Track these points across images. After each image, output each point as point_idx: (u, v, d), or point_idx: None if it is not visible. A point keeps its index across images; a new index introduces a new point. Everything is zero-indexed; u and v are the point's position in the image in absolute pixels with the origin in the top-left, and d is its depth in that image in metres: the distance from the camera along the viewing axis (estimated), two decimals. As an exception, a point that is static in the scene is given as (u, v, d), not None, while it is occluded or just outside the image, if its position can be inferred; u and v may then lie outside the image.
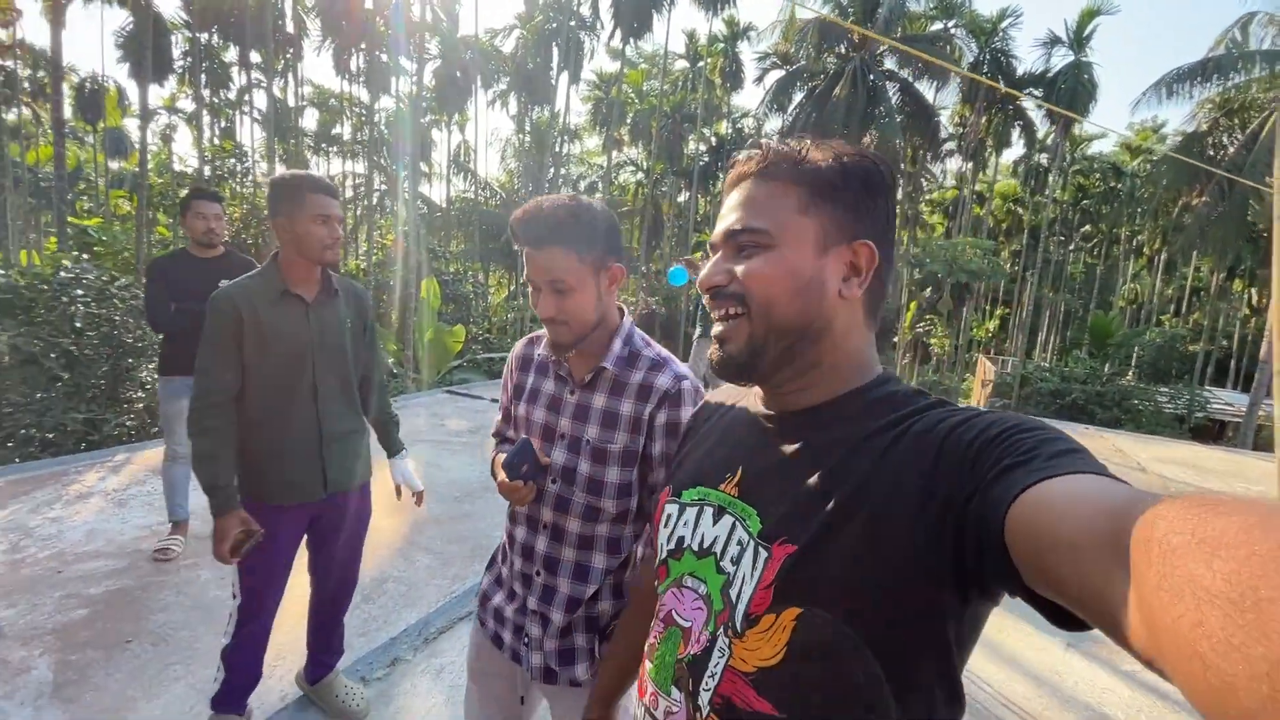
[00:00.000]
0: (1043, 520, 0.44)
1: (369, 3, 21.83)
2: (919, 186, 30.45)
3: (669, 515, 0.80)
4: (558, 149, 29.72)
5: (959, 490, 0.53)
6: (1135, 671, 2.86)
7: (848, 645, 0.58)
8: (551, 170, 27.87)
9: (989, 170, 30.45)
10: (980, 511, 0.50)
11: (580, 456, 1.19)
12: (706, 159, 31.22)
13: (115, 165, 32.84)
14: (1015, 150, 29.34)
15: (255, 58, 23.27)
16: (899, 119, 23.43)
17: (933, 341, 29.44)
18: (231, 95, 29.52)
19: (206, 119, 27.02)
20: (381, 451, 2.22)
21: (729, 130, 33.03)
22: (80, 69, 27.67)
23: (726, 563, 0.69)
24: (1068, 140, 27.19)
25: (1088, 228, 34.40)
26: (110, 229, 12.40)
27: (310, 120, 32.85)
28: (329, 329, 1.91)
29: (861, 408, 0.67)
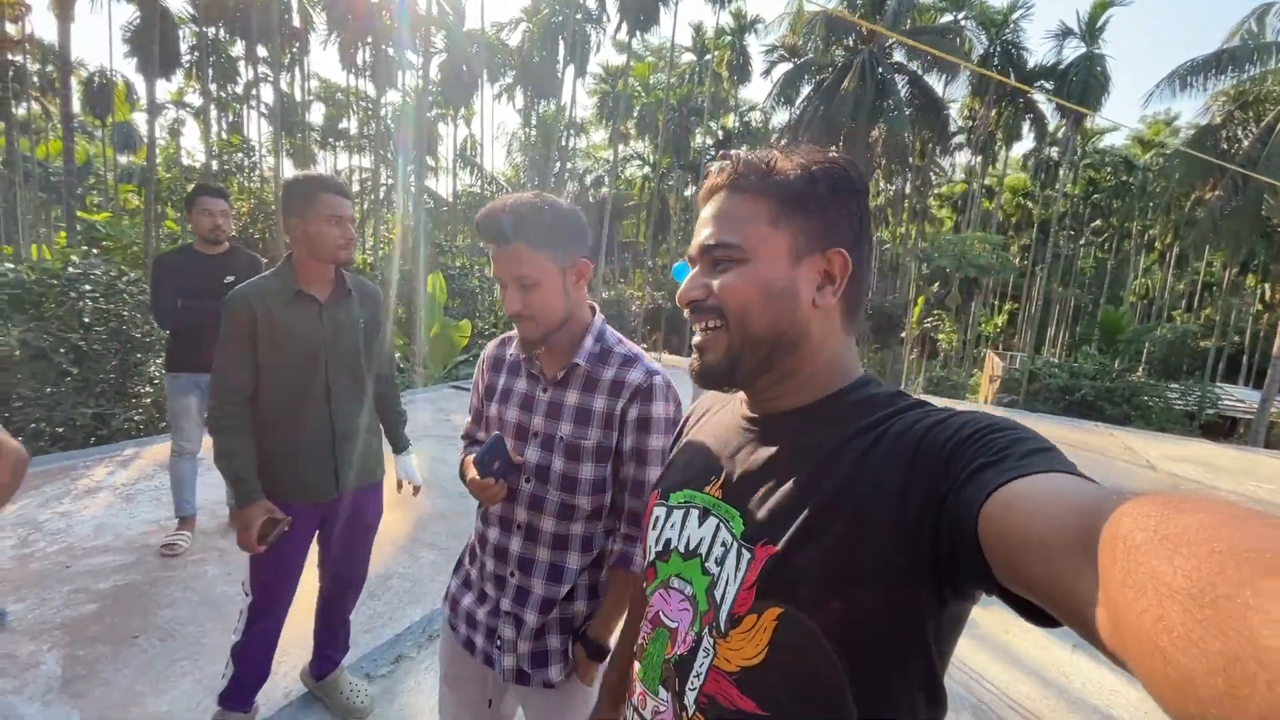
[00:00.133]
0: (1013, 519, 0.44)
1: (375, -4, 21.82)
2: (927, 180, 30.27)
3: (657, 518, 0.81)
4: (564, 143, 29.69)
5: (934, 491, 0.53)
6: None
7: (827, 645, 0.59)
8: (558, 164, 27.84)
9: (999, 164, 30.22)
10: (954, 512, 0.50)
11: (554, 454, 1.20)
12: (713, 153, 31.07)
13: (124, 160, 33.04)
14: (1025, 144, 29.13)
15: (262, 52, 23.28)
16: (908, 112, 23.26)
17: (940, 337, 29.29)
18: (238, 90, 29.63)
19: (214, 113, 27.07)
20: (387, 447, 2.24)
21: (736, 124, 32.89)
22: (88, 64, 28.01)
23: (711, 564, 0.70)
24: (1079, 134, 26.92)
25: (1098, 222, 34.10)
26: (119, 224, 12.49)
27: (317, 115, 32.98)
28: (342, 329, 1.93)
29: (842, 410, 0.68)
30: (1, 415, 4.89)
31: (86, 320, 5.64)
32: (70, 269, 5.85)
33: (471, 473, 1.17)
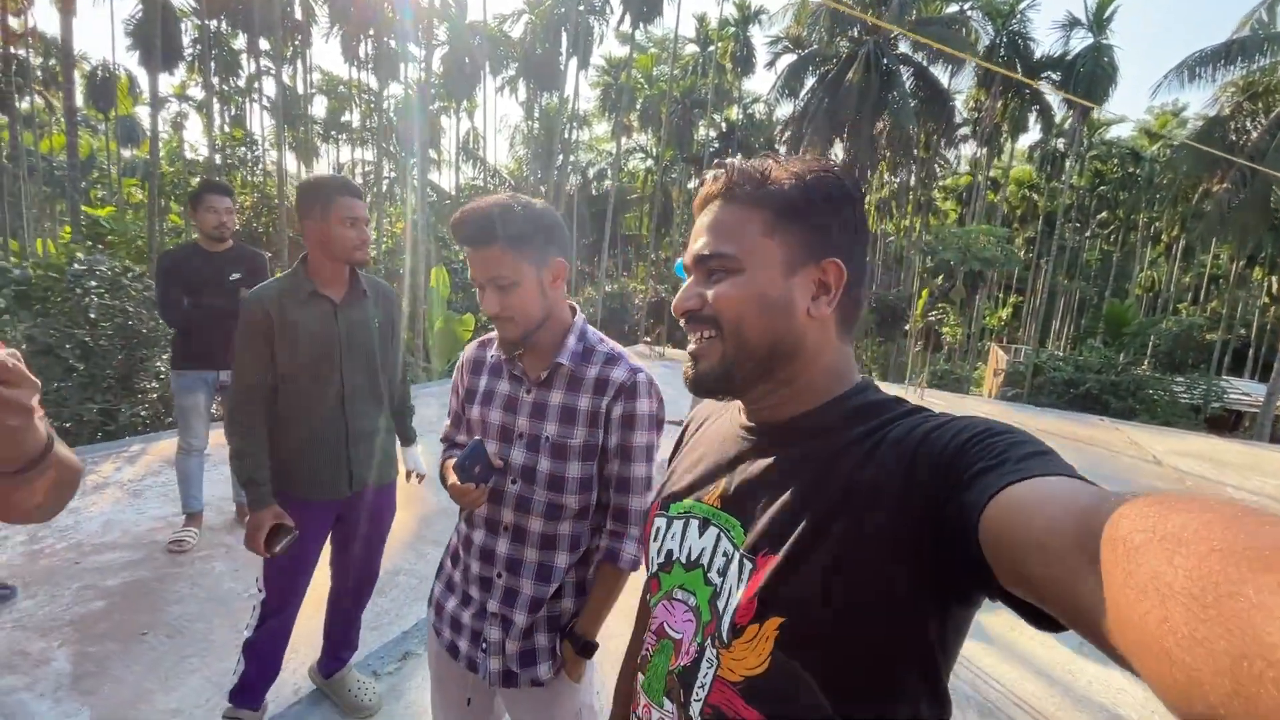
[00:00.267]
0: (1014, 523, 0.45)
1: (377, -12, 21.70)
2: (932, 173, 30.06)
3: (658, 529, 0.81)
4: (567, 135, 29.59)
5: (934, 497, 0.53)
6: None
7: (830, 653, 0.59)
8: (560, 157, 27.76)
9: (1004, 156, 30.00)
10: (955, 517, 0.50)
11: (540, 454, 1.21)
12: (717, 145, 30.94)
13: (128, 153, 33.07)
14: (1031, 135, 28.88)
15: (264, 45, 23.19)
16: (913, 104, 23.10)
17: (945, 330, 29.17)
18: (241, 83, 29.54)
19: (216, 107, 27.03)
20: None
21: (740, 116, 32.69)
22: (91, 57, 27.86)
23: (714, 574, 0.70)
24: (1085, 125, 26.71)
25: (1104, 214, 33.87)
26: (123, 218, 12.49)
27: (319, 108, 32.87)
28: (357, 329, 1.95)
29: (839, 418, 0.68)
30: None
31: (92, 316, 5.66)
32: (76, 265, 5.86)
33: (452, 478, 1.18)
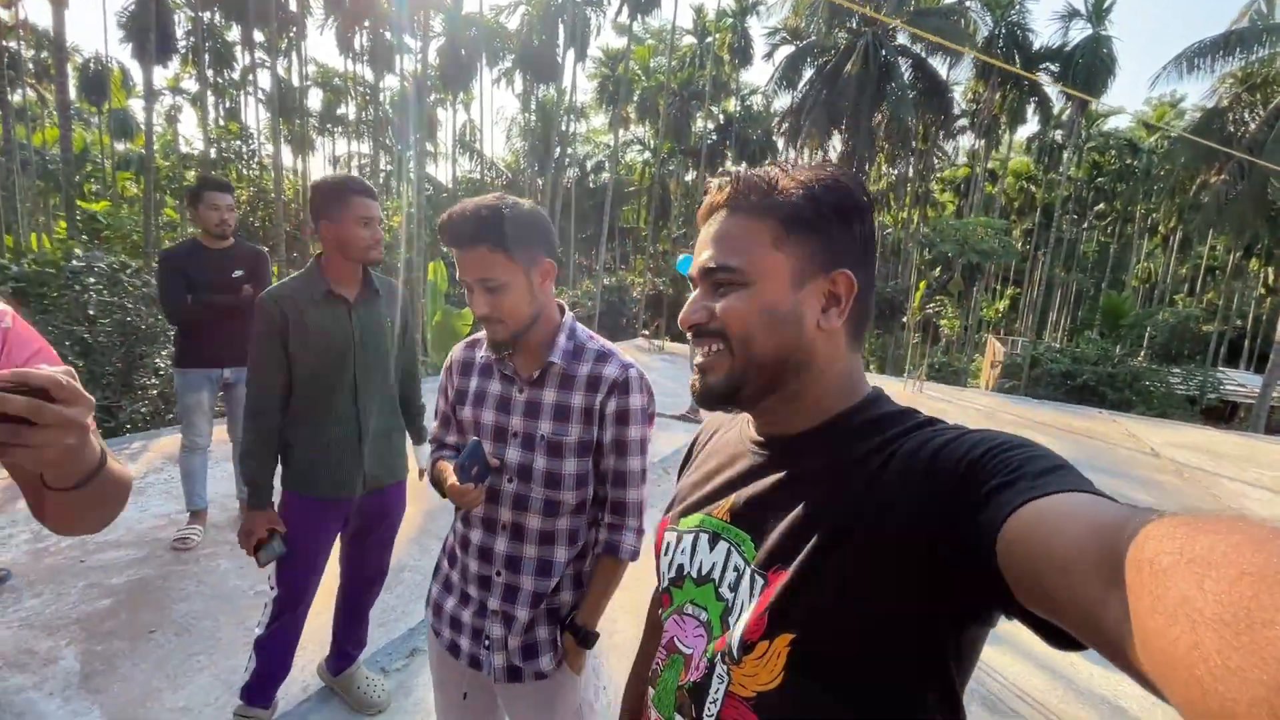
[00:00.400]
0: (1033, 542, 0.44)
1: (372, -21, 21.52)
2: (930, 164, 30.03)
3: (668, 544, 0.81)
4: (564, 128, 29.45)
5: (949, 513, 0.52)
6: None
7: (843, 668, 0.59)
8: (558, 149, 27.64)
9: (1002, 148, 29.96)
10: (971, 535, 0.49)
11: (536, 452, 1.23)
12: (714, 137, 30.85)
13: (121, 147, 32.77)
14: (1029, 127, 28.83)
15: (259, 37, 22.99)
16: (911, 96, 23.03)
17: (942, 322, 29.20)
18: (235, 76, 29.31)
19: (211, 100, 26.84)
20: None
21: (737, 108, 32.56)
22: (84, 50, 27.58)
23: (725, 589, 0.69)
24: (1084, 116, 26.67)
25: (1102, 206, 33.89)
26: (118, 213, 12.42)
27: (315, 100, 32.63)
28: (370, 328, 1.96)
29: (850, 431, 0.67)
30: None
31: (91, 313, 5.64)
32: (74, 261, 5.83)
33: (451, 479, 1.18)
